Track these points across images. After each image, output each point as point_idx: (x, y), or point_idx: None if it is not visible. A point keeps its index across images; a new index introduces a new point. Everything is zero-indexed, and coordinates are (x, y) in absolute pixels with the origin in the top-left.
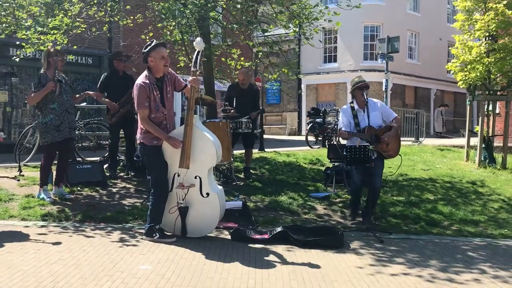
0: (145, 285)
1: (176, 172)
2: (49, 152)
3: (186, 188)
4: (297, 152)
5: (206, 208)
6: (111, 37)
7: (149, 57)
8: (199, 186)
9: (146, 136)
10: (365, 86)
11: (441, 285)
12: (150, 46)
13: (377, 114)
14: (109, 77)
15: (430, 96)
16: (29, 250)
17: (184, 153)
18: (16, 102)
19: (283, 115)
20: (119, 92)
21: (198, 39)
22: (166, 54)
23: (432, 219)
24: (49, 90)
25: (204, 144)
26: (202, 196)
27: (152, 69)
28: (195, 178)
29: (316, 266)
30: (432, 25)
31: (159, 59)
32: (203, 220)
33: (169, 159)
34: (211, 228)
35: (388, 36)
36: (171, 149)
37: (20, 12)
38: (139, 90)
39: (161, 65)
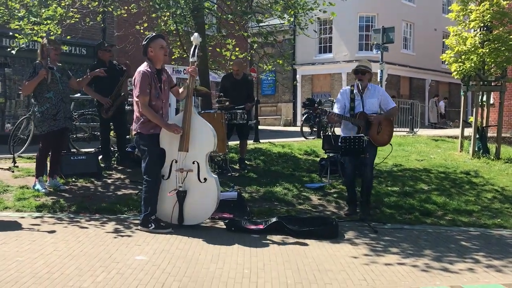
0: (141, 275)
1: (174, 158)
2: (45, 142)
3: (185, 172)
4: (292, 143)
5: (204, 193)
6: (105, 28)
7: (149, 48)
8: (197, 171)
9: (143, 126)
10: (360, 71)
11: (435, 274)
12: (149, 38)
13: (374, 101)
14: (94, 68)
15: (425, 86)
16: (24, 241)
17: (183, 137)
18: (10, 93)
19: (278, 106)
20: (107, 83)
21: (196, 34)
22: (165, 44)
23: (426, 209)
24: (41, 78)
25: (202, 129)
26: (200, 182)
27: (152, 59)
28: (193, 163)
29: (310, 256)
30: (427, 16)
31: (158, 49)
32: (200, 205)
33: (167, 146)
34: (207, 215)
35: (383, 27)
36: (169, 136)
37: (13, 2)
38: (142, 76)
39: (161, 55)
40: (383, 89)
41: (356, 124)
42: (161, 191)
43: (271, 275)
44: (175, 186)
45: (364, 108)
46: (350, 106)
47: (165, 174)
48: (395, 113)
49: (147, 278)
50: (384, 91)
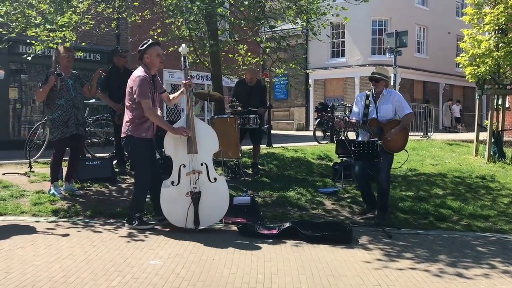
0: (155, 280)
1: (181, 163)
2: (59, 148)
3: (197, 173)
4: (305, 148)
5: (216, 192)
6: (119, 34)
7: (145, 54)
8: (206, 172)
9: (135, 129)
10: (374, 79)
11: (450, 280)
12: (147, 44)
13: (388, 107)
14: (109, 74)
15: (439, 90)
16: (40, 245)
17: (190, 140)
18: (26, 99)
19: (291, 110)
20: (121, 88)
21: (183, 46)
22: (161, 52)
23: (441, 214)
24: (51, 84)
25: (206, 131)
26: (210, 182)
27: (147, 65)
28: (201, 165)
29: (324, 261)
30: (440, 19)
31: (155, 56)
32: (215, 204)
33: (173, 152)
34: (222, 214)
35: (396, 31)
36: (174, 142)
37: (30, 10)
38: (143, 81)
39: (157, 62)
40: (400, 95)
41: (367, 131)
42: (172, 197)
43: (285, 281)
44: (188, 189)
45: (378, 114)
46: (363, 112)
47: (174, 180)
48: (409, 120)
49: (162, 282)
50: (400, 97)
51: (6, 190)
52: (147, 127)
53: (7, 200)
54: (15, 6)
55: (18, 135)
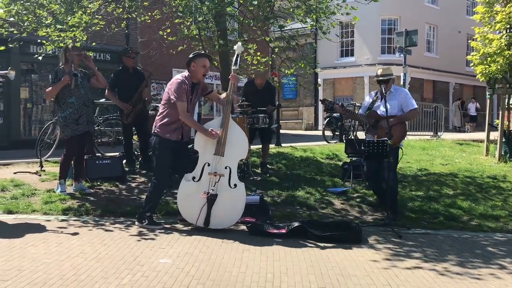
0: (165, 278)
1: (207, 161)
2: (70, 147)
3: (218, 176)
4: (314, 147)
5: (233, 199)
6: (129, 34)
7: (192, 62)
8: (228, 177)
9: (162, 128)
10: (382, 81)
11: (460, 280)
12: (196, 54)
13: (394, 103)
14: (119, 74)
15: (449, 89)
16: (51, 244)
17: (220, 141)
18: (36, 99)
19: (300, 110)
20: (130, 88)
21: (239, 44)
22: (208, 65)
23: (451, 214)
24: (64, 83)
25: (238, 136)
26: (230, 187)
27: (191, 73)
28: (225, 168)
29: (334, 261)
30: (450, 18)
31: (200, 67)
32: (228, 211)
33: (201, 149)
34: (234, 221)
35: (406, 30)
36: (204, 139)
37: (41, 11)
38: (180, 84)
39: (200, 73)
40: (406, 91)
41: (362, 120)
42: (190, 192)
43: (295, 280)
44: (206, 188)
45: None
46: (368, 107)
47: (196, 176)
48: (412, 115)
49: (172, 281)
50: (407, 93)
51: (17, 188)
52: (174, 128)
53: (18, 199)
54: (27, 6)
55: (29, 134)
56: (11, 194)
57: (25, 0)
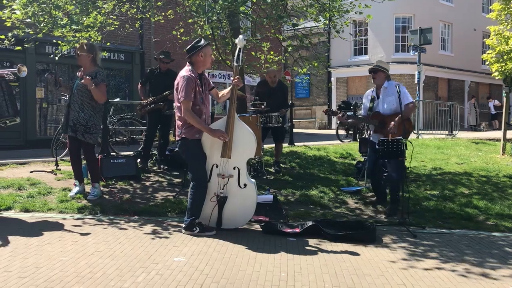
0: (179, 277)
1: (214, 163)
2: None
3: (226, 178)
4: (328, 146)
5: (243, 199)
6: (143, 34)
7: (200, 52)
8: (237, 177)
9: (188, 131)
10: (371, 70)
11: (476, 280)
12: (204, 44)
13: (391, 99)
14: (152, 72)
15: (464, 88)
16: (67, 242)
17: (226, 143)
18: (52, 98)
19: (313, 109)
20: (159, 87)
21: (241, 37)
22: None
23: (466, 213)
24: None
25: (245, 136)
26: (240, 187)
27: (197, 64)
28: (233, 169)
29: (348, 260)
30: (466, 16)
31: (208, 56)
32: (240, 211)
33: (208, 151)
34: (246, 220)
35: (420, 28)
36: (210, 140)
37: (57, 11)
38: (188, 81)
39: (209, 62)
40: (401, 85)
41: (371, 123)
42: None
43: (309, 279)
44: (216, 190)
45: (383, 107)
46: (368, 107)
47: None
48: (410, 111)
49: (186, 279)
50: (402, 87)
51: (34, 187)
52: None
53: (35, 197)
54: (43, 7)
55: (44, 133)
56: (28, 193)
57: (41, 2)
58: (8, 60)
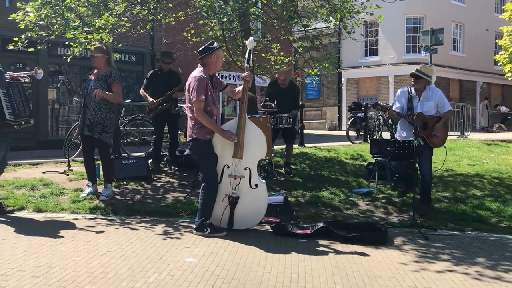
0: (191, 277)
1: (226, 164)
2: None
3: (238, 179)
4: (338, 147)
5: (254, 199)
6: (154, 35)
7: (213, 54)
8: (248, 178)
9: (200, 131)
10: (413, 75)
11: (489, 283)
12: (217, 46)
13: (431, 103)
14: (154, 74)
15: (476, 89)
16: (79, 242)
17: (238, 144)
18: (64, 100)
19: (323, 110)
20: (162, 88)
21: (251, 39)
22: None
23: (479, 215)
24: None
25: (256, 137)
26: (251, 188)
27: (209, 66)
28: (245, 169)
29: (359, 262)
30: (478, 16)
31: (220, 58)
32: (251, 211)
33: (219, 151)
34: (257, 220)
35: (432, 28)
36: (221, 141)
37: (69, 13)
38: (199, 82)
39: (220, 64)
40: (441, 92)
41: (414, 124)
42: None
43: (320, 281)
44: (227, 191)
45: (421, 109)
46: (408, 106)
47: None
48: (450, 116)
49: (197, 280)
50: (442, 94)
51: (46, 187)
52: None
53: (47, 198)
54: (56, 9)
55: (56, 134)
56: (40, 193)
57: (54, 4)
58: (21, 62)
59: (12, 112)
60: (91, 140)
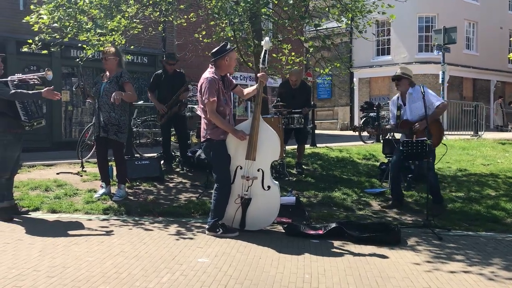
0: (203, 277)
1: (239, 165)
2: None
3: (250, 180)
4: (350, 147)
5: (267, 201)
6: (165, 37)
7: (226, 56)
8: (261, 179)
9: (213, 132)
10: (394, 78)
11: (505, 284)
12: (231, 48)
13: (418, 104)
14: (159, 76)
15: (489, 88)
16: (93, 242)
17: (251, 145)
18: (77, 101)
19: (335, 110)
20: (168, 89)
21: (267, 39)
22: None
23: (493, 216)
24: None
25: (269, 138)
26: (264, 189)
27: (221, 67)
28: (257, 171)
29: (372, 262)
30: (491, 14)
31: (233, 60)
32: (263, 212)
33: (233, 152)
34: (269, 221)
35: (444, 27)
36: (235, 142)
37: (82, 16)
38: (211, 83)
39: (232, 66)
40: (426, 88)
41: (400, 132)
42: None
43: (333, 281)
44: (240, 192)
45: (410, 114)
46: (396, 115)
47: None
48: (440, 111)
49: (210, 280)
50: (427, 90)
51: (60, 188)
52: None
53: (61, 199)
54: (69, 12)
55: (69, 136)
56: (54, 194)
57: (67, 6)
58: (35, 64)
59: (26, 113)
60: (106, 141)
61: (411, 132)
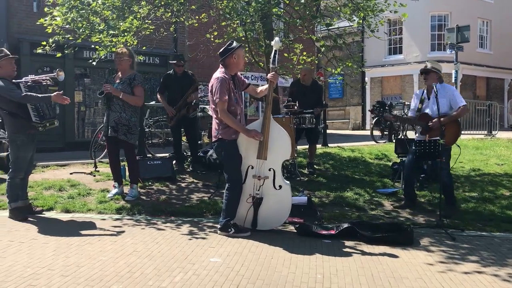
0: (216, 277)
1: (250, 164)
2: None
3: (262, 179)
4: (362, 147)
5: (278, 200)
6: (177, 37)
7: (234, 54)
8: (272, 179)
9: (225, 132)
10: (422, 71)
11: None
12: (237, 46)
13: (443, 101)
14: (168, 77)
15: (503, 86)
16: (106, 242)
17: (262, 144)
18: (89, 102)
19: (346, 110)
20: (178, 90)
21: (277, 39)
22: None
23: (508, 216)
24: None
25: (280, 137)
26: (275, 189)
27: (230, 66)
28: (269, 170)
29: (384, 262)
30: (505, 12)
31: (241, 58)
32: (275, 212)
33: (244, 152)
34: (281, 221)
35: (457, 25)
36: (246, 142)
37: (94, 17)
38: (221, 82)
39: (241, 64)
40: (454, 88)
41: (418, 125)
42: None
43: (345, 281)
44: (251, 192)
45: (432, 109)
46: (417, 108)
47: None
48: (462, 113)
49: (222, 279)
50: (454, 90)
51: (74, 188)
52: None
53: (75, 198)
54: (82, 13)
55: (82, 136)
56: (68, 194)
57: (80, 8)
58: (48, 65)
59: (37, 114)
60: (116, 141)
61: (427, 128)
